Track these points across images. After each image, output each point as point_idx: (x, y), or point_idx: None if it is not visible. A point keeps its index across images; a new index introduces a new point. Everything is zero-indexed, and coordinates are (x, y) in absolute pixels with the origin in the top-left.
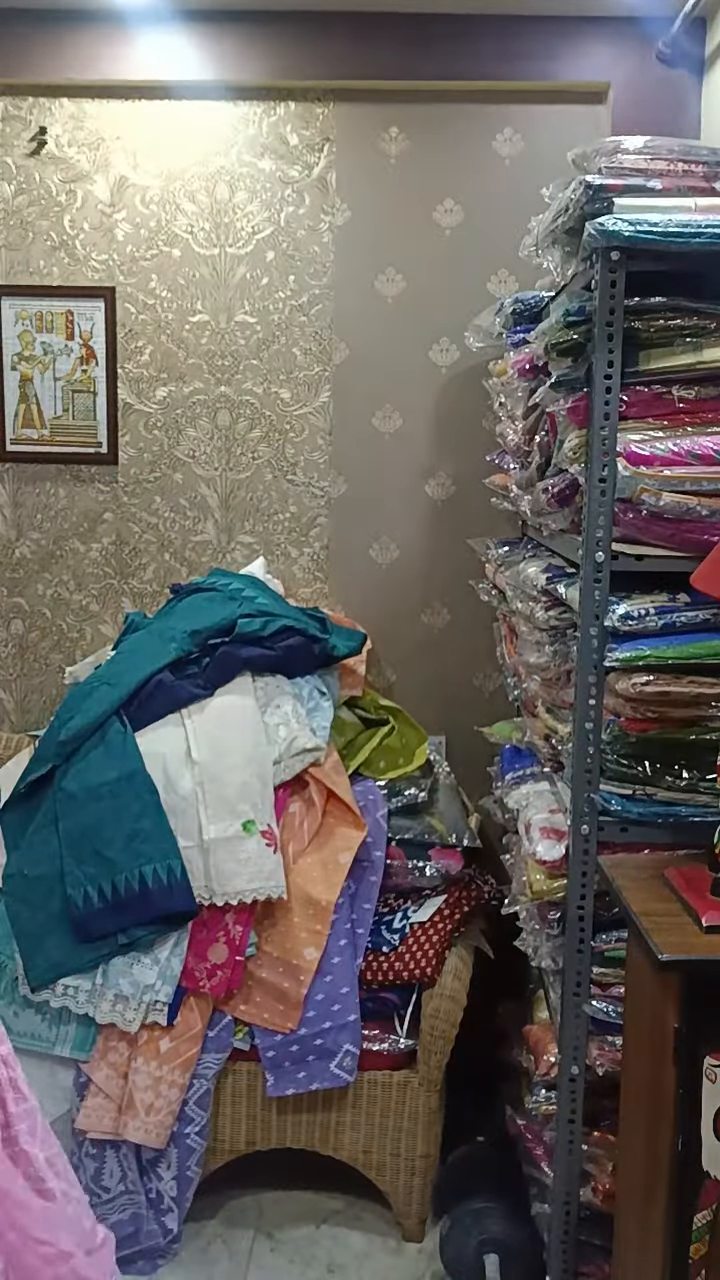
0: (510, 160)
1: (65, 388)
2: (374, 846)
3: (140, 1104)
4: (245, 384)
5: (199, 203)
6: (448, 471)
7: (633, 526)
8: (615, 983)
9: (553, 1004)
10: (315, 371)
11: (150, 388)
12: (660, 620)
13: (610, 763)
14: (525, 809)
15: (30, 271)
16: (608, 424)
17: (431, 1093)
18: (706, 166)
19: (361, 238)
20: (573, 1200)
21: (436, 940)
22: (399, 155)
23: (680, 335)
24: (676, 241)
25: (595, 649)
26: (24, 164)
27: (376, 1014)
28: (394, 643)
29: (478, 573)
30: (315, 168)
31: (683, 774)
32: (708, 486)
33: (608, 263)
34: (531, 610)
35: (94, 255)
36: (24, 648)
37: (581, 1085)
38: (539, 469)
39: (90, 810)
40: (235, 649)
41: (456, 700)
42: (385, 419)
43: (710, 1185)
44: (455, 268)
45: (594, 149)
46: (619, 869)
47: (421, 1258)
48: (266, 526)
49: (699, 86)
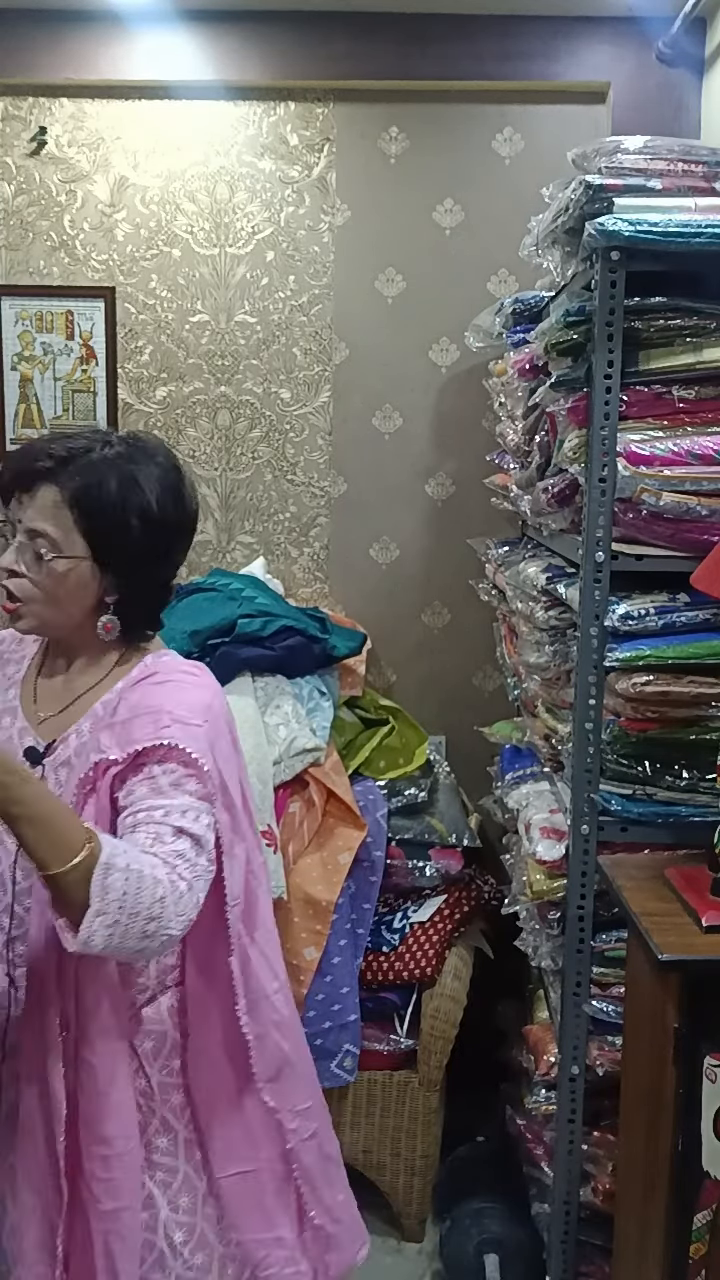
0: (510, 160)
1: (65, 388)
2: (374, 846)
3: None
4: (245, 384)
5: (199, 203)
6: (448, 471)
7: (633, 526)
8: (615, 983)
9: (553, 1004)
10: (315, 371)
11: (150, 388)
12: (660, 620)
13: (610, 763)
14: (525, 809)
15: (30, 271)
16: (608, 424)
17: (431, 1093)
18: (706, 166)
19: (361, 238)
20: (573, 1200)
21: (436, 940)
22: (399, 155)
23: (680, 335)
24: (676, 241)
25: (595, 649)
26: (24, 164)
27: (376, 1014)
28: (394, 643)
29: (478, 573)
30: (315, 168)
31: (683, 774)
32: (708, 486)
33: (608, 263)
34: (531, 610)
35: (94, 255)
36: None
37: (581, 1085)
38: (539, 469)
39: None
40: (235, 649)
41: (456, 700)
42: (385, 419)
43: (710, 1185)
44: (455, 268)
45: (594, 149)
46: (619, 869)
47: (421, 1258)
48: (266, 526)
49: (699, 86)
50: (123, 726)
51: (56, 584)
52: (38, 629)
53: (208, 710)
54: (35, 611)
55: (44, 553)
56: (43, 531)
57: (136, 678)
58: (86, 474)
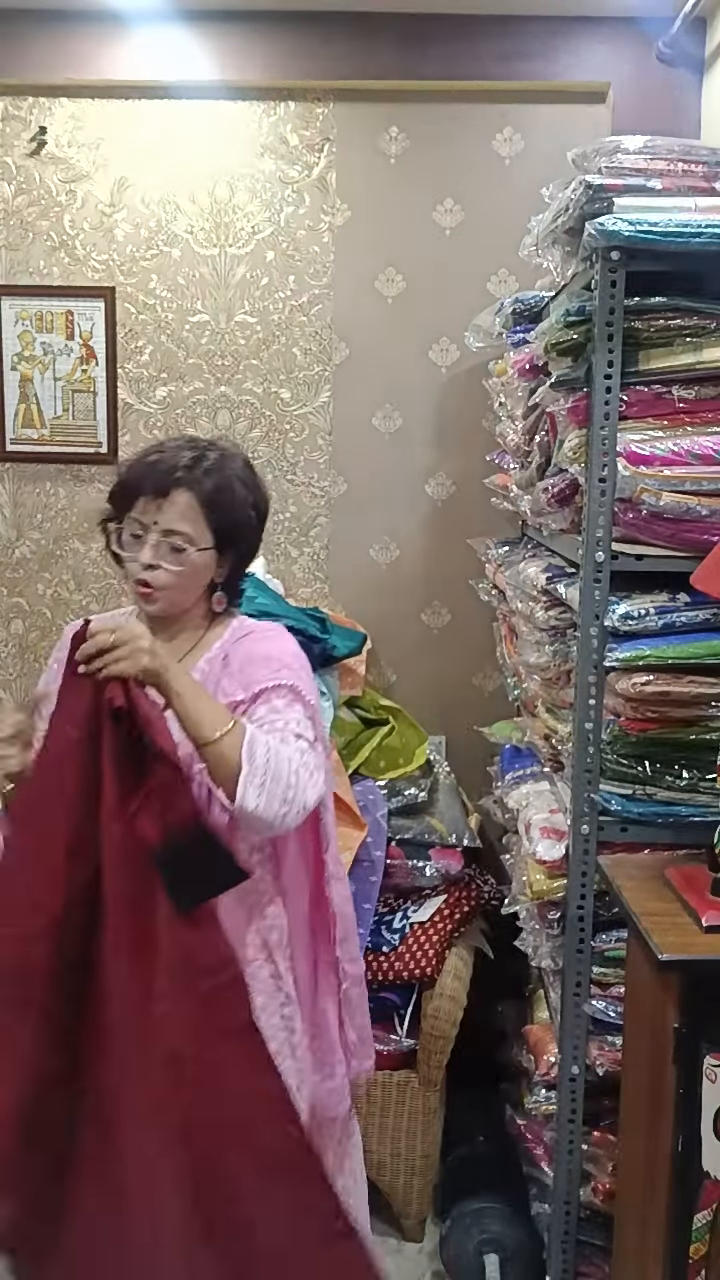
0: (510, 160)
1: (65, 388)
2: (374, 846)
3: None
4: (245, 384)
5: (199, 203)
6: (448, 471)
7: (633, 526)
8: (615, 983)
9: (553, 1004)
10: (315, 371)
11: (150, 388)
12: (660, 620)
13: (610, 763)
14: (525, 809)
15: (30, 271)
16: (608, 424)
17: (431, 1093)
18: (706, 166)
19: (361, 238)
20: (573, 1200)
21: (436, 940)
22: (399, 155)
23: (680, 335)
24: (676, 241)
25: (595, 649)
26: (24, 164)
27: (376, 1014)
28: (394, 643)
29: (478, 573)
30: (315, 168)
31: (683, 774)
32: (708, 486)
33: (608, 263)
34: (531, 610)
35: (94, 255)
36: (24, 648)
37: (581, 1085)
38: (539, 469)
39: None
40: None
41: (456, 700)
42: (385, 419)
43: (710, 1185)
44: (455, 268)
45: (594, 149)
46: (619, 869)
47: (421, 1258)
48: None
49: (699, 86)
50: (240, 673)
51: (190, 573)
52: (165, 610)
53: (298, 655)
54: (168, 596)
55: (182, 547)
56: (180, 530)
57: (238, 634)
58: (214, 478)
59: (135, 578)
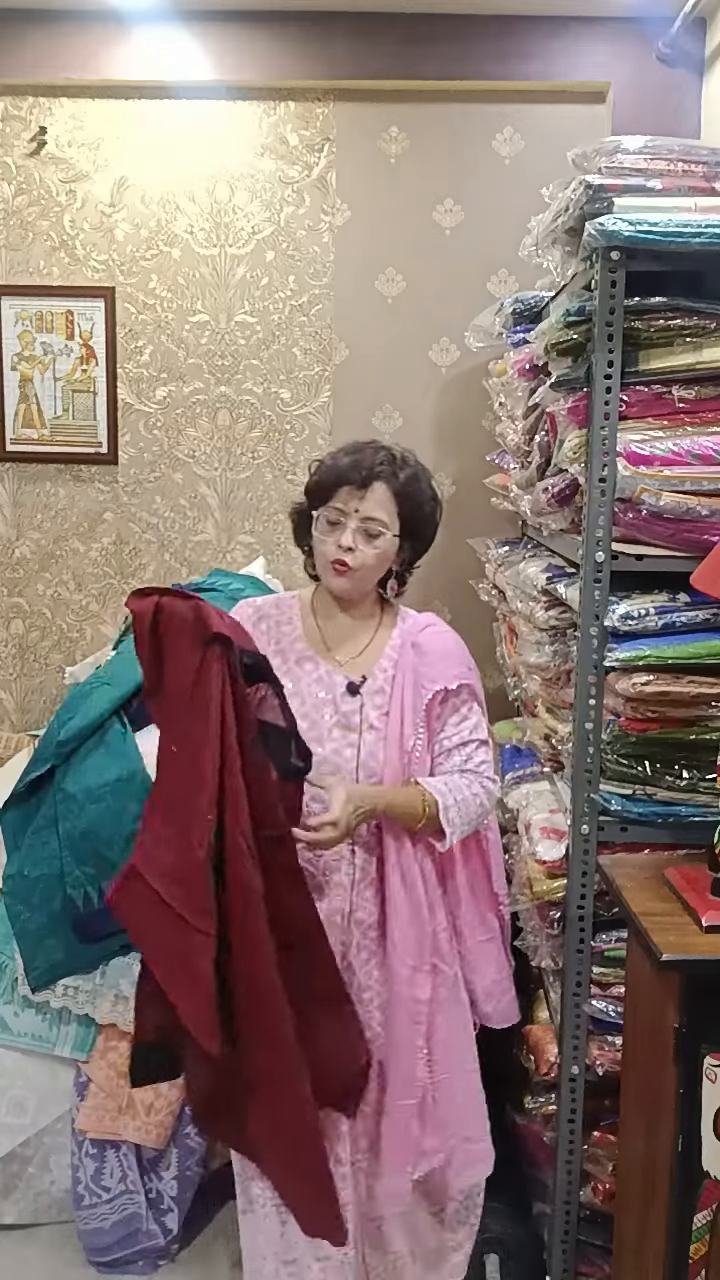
0: (510, 160)
1: (65, 388)
2: None
3: (140, 1104)
4: (245, 384)
5: (199, 203)
6: (448, 471)
7: (633, 526)
8: (615, 983)
9: (553, 1004)
10: (315, 371)
11: (150, 388)
12: (660, 620)
13: (610, 763)
14: (525, 809)
15: (30, 271)
16: (608, 424)
17: None
18: (706, 166)
19: (361, 238)
20: (573, 1200)
21: None
22: (399, 155)
23: (680, 335)
24: (676, 241)
25: (595, 649)
26: (24, 164)
27: None
28: None
29: (478, 573)
30: (315, 168)
31: (683, 774)
32: (708, 486)
33: (608, 263)
34: (531, 610)
35: (94, 255)
36: (24, 648)
37: (581, 1085)
38: (539, 469)
39: (90, 811)
40: None
41: None
42: (385, 419)
43: (710, 1185)
44: (455, 268)
45: (594, 149)
46: (619, 869)
47: None
48: (266, 526)
49: (699, 86)
50: (434, 666)
51: (381, 556)
52: (354, 590)
53: (465, 649)
54: (360, 576)
55: (379, 531)
56: (378, 518)
57: (420, 625)
58: (406, 474)
59: (331, 559)
